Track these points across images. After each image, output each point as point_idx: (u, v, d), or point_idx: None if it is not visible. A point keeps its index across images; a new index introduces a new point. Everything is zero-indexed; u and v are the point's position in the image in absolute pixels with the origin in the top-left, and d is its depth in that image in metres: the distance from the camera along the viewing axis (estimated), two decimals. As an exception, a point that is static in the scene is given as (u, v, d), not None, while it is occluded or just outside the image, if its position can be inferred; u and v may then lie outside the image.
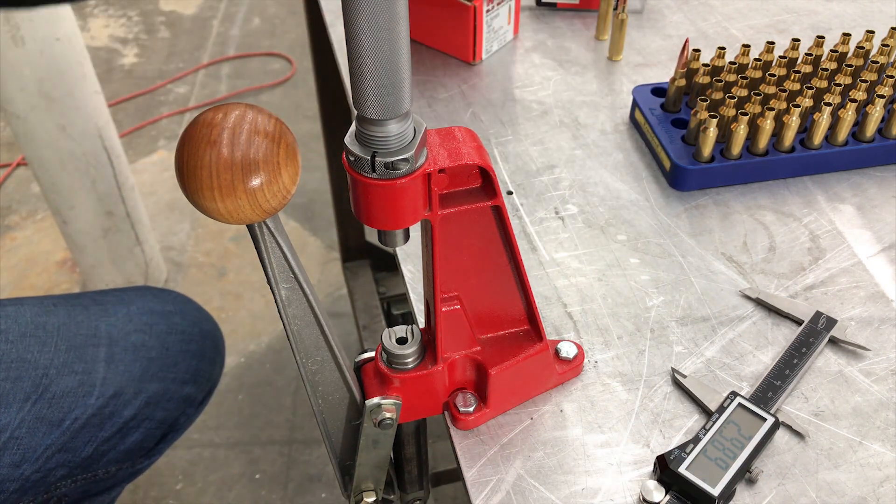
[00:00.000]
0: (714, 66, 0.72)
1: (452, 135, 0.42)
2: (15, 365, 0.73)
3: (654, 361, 0.56)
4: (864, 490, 0.49)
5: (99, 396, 0.76)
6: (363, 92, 0.36)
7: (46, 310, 0.79)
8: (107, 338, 0.80)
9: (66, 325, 0.79)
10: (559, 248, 0.64)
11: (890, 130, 0.70)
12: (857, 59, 0.71)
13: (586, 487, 0.49)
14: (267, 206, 0.37)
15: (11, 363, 0.73)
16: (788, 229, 0.65)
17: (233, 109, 0.37)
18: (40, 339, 0.76)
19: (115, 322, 0.82)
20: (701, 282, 0.61)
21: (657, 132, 0.71)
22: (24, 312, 0.78)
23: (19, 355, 0.74)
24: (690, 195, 0.68)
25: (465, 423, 0.51)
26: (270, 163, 0.36)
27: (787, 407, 0.53)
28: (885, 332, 0.57)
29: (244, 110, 0.37)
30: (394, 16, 0.34)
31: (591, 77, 0.82)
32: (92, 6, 2.72)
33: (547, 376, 0.53)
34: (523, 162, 0.72)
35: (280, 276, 0.43)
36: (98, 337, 0.80)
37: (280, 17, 2.67)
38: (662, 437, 0.51)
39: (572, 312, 0.59)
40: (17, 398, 0.72)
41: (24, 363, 0.74)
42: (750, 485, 0.49)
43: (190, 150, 0.36)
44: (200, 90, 2.37)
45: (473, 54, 0.82)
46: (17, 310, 0.78)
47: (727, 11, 0.90)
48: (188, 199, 0.37)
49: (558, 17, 0.91)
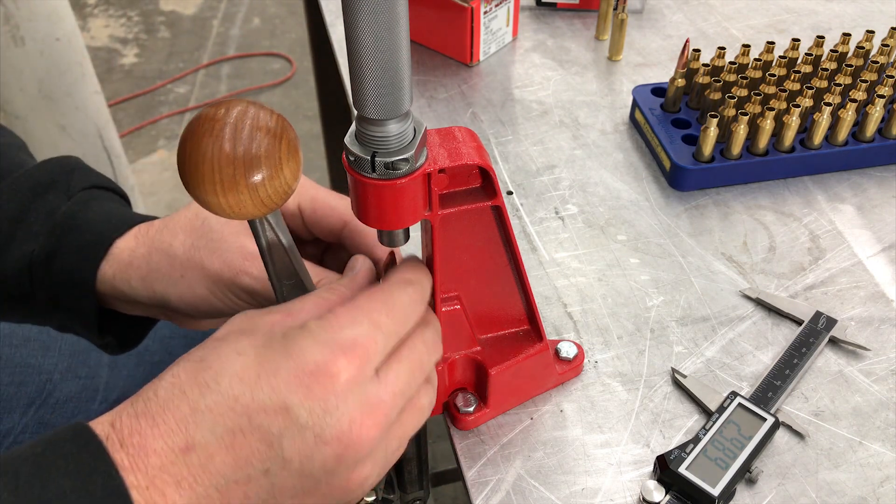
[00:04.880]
0: (714, 66, 0.72)
1: (452, 135, 0.42)
2: (18, 370, 0.73)
3: (654, 361, 0.56)
4: (864, 490, 0.49)
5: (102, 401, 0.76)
6: (363, 92, 0.36)
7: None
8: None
9: None
10: (559, 248, 0.64)
11: (890, 130, 0.70)
12: (857, 59, 0.71)
13: (586, 487, 0.49)
14: (269, 201, 0.38)
15: (15, 368, 0.73)
16: (788, 229, 0.65)
17: (235, 105, 0.37)
18: (44, 343, 0.76)
19: None
20: (701, 282, 0.61)
21: (657, 132, 0.71)
22: None
23: (23, 360, 0.74)
24: (690, 195, 0.68)
25: (465, 423, 0.51)
26: (272, 158, 0.37)
27: (787, 407, 0.53)
28: (885, 332, 0.57)
29: (246, 106, 0.37)
30: (394, 16, 0.34)
31: (591, 77, 0.82)
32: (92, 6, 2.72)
33: (547, 376, 0.53)
34: (523, 162, 0.72)
35: (281, 272, 0.43)
36: None
37: (280, 17, 2.67)
38: (662, 437, 0.51)
39: (572, 312, 0.59)
40: (20, 403, 0.72)
41: (27, 368, 0.74)
42: (750, 485, 0.49)
43: (192, 144, 0.36)
44: (200, 90, 2.37)
45: (471, 56, 0.82)
46: None
47: (727, 11, 0.90)
48: (190, 193, 0.37)
49: (558, 17, 0.91)
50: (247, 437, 0.36)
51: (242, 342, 0.38)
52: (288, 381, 0.37)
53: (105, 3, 2.74)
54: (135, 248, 0.53)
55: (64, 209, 0.54)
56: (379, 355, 0.39)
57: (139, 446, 0.36)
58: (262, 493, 0.38)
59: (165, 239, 0.52)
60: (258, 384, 0.37)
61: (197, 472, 0.36)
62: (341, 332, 0.39)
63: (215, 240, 0.51)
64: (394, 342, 0.41)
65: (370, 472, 0.40)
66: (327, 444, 0.37)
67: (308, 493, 0.39)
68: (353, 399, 0.38)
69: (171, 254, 0.51)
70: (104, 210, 0.55)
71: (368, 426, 0.38)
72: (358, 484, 0.40)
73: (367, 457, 0.39)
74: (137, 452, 0.36)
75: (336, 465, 0.38)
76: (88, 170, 0.58)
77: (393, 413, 0.40)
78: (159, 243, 0.52)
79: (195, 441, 0.36)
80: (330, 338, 0.38)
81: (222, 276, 0.50)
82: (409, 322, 0.42)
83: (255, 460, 0.37)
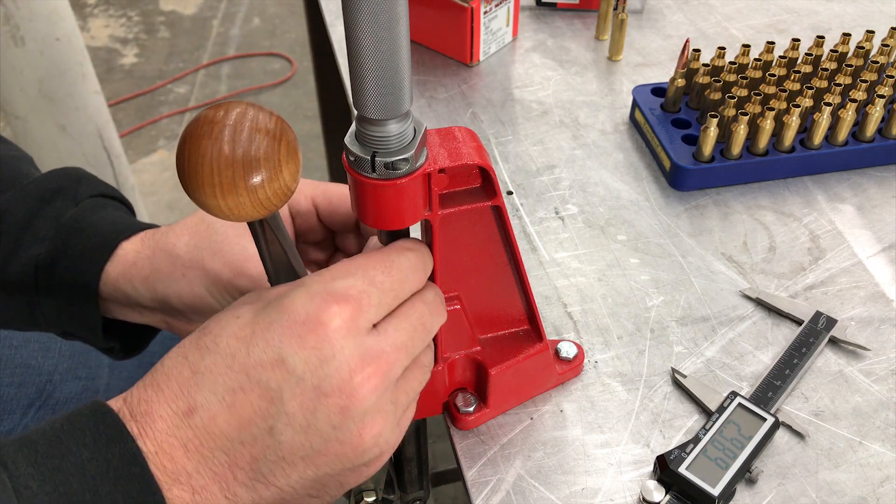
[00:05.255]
0: (714, 66, 0.72)
1: (452, 135, 0.42)
2: (19, 371, 0.73)
3: (654, 361, 0.56)
4: (864, 490, 0.49)
5: None
6: (363, 92, 0.36)
7: None
8: None
9: None
10: (559, 248, 0.64)
11: (890, 130, 0.70)
12: (857, 59, 0.71)
13: (586, 487, 0.49)
14: (268, 203, 0.38)
15: (15, 369, 0.73)
16: (788, 229, 0.65)
17: (234, 107, 0.37)
18: (44, 344, 0.76)
19: None
20: (701, 282, 0.61)
21: (657, 132, 0.71)
22: None
23: (23, 361, 0.74)
24: (690, 195, 0.68)
25: (465, 423, 0.51)
26: (271, 160, 0.37)
27: (787, 407, 0.53)
28: (885, 332, 0.57)
29: (245, 108, 0.37)
30: (394, 16, 0.34)
31: (591, 77, 0.82)
32: (92, 6, 2.72)
33: (547, 376, 0.53)
34: (523, 162, 0.72)
35: (280, 274, 0.43)
36: None
37: (280, 17, 2.67)
38: (662, 437, 0.51)
39: (572, 312, 0.59)
40: (20, 404, 0.72)
41: (27, 369, 0.74)
42: (750, 485, 0.49)
43: (191, 146, 0.36)
44: (200, 90, 2.37)
45: (471, 56, 0.82)
46: None
47: (727, 11, 0.90)
48: (189, 195, 0.37)
49: (558, 16, 0.91)
50: (247, 394, 0.36)
51: (242, 308, 0.39)
52: (281, 333, 0.37)
53: (105, 3, 2.74)
54: (140, 250, 0.53)
55: (70, 214, 0.55)
56: (374, 309, 0.39)
57: (146, 413, 0.36)
58: (271, 455, 0.37)
59: (170, 240, 0.52)
60: (253, 340, 0.37)
61: (201, 434, 0.36)
62: (333, 283, 0.38)
63: (218, 241, 0.51)
64: (390, 300, 0.40)
65: (381, 427, 0.39)
66: (328, 395, 0.37)
67: (319, 452, 0.38)
68: (349, 348, 0.37)
69: (174, 254, 0.52)
70: (110, 216, 0.56)
71: (369, 374, 0.38)
72: (371, 440, 0.39)
73: (375, 410, 0.38)
74: (145, 420, 0.36)
75: (342, 419, 0.37)
76: (95, 179, 0.59)
77: (397, 366, 0.39)
78: (164, 244, 0.53)
79: (197, 403, 0.36)
80: (322, 288, 0.38)
81: (221, 276, 0.50)
82: (407, 283, 0.41)
83: (257, 419, 0.37)
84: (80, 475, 0.34)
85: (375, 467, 0.41)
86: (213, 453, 0.36)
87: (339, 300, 0.38)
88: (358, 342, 0.38)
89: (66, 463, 0.34)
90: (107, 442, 0.35)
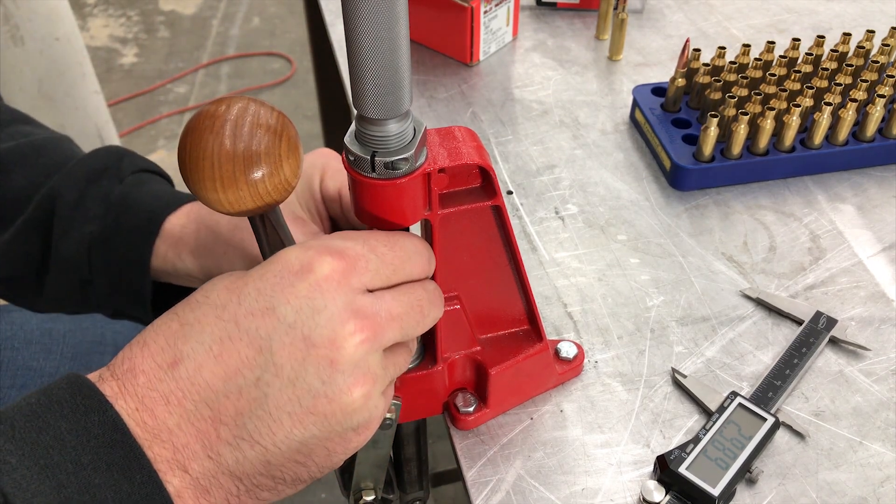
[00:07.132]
0: (714, 66, 0.72)
1: (452, 134, 0.42)
2: (21, 372, 0.73)
3: (654, 361, 0.56)
4: (864, 490, 0.48)
5: None
6: (363, 92, 0.36)
7: (52, 317, 0.79)
8: (112, 345, 0.80)
9: (71, 332, 0.78)
10: (559, 248, 0.64)
11: (890, 130, 0.69)
12: (857, 59, 0.71)
13: (586, 487, 0.49)
14: (268, 197, 0.38)
15: (17, 371, 0.73)
16: (789, 229, 0.65)
17: (236, 102, 0.37)
18: (46, 346, 0.76)
19: (121, 329, 0.82)
20: (701, 282, 0.61)
21: (657, 132, 0.70)
22: (30, 319, 0.77)
23: (25, 363, 0.74)
24: (691, 195, 0.68)
25: (465, 423, 0.51)
26: (272, 155, 0.37)
27: (788, 407, 0.53)
28: (885, 332, 0.57)
29: (247, 103, 0.37)
30: (394, 15, 0.34)
31: (591, 77, 0.82)
32: (92, 6, 2.72)
33: (547, 376, 0.53)
34: (523, 162, 0.72)
35: None
36: (104, 344, 0.80)
37: (280, 17, 2.67)
38: (662, 437, 0.51)
39: (572, 312, 0.59)
40: None
41: (29, 371, 0.74)
42: (750, 485, 0.49)
43: (193, 140, 0.36)
44: (200, 90, 2.37)
45: (471, 55, 0.82)
46: (22, 317, 0.77)
47: (727, 11, 0.90)
48: (190, 189, 0.38)
49: (558, 16, 0.91)
50: (235, 343, 0.36)
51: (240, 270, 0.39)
52: (273, 282, 0.37)
53: (105, 2, 2.74)
54: (185, 224, 0.54)
55: (118, 192, 0.56)
56: (369, 274, 0.38)
57: (129, 370, 0.36)
58: (256, 409, 0.36)
59: (213, 217, 0.53)
60: (245, 290, 0.37)
61: (185, 386, 0.35)
62: (332, 241, 0.38)
63: None
64: (389, 272, 0.39)
65: (370, 388, 0.38)
66: (318, 346, 0.36)
67: (307, 410, 0.37)
68: (342, 301, 0.37)
69: (216, 231, 0.53)
70: (154, 191, 0.57)
71: (360, 328, 0.37)
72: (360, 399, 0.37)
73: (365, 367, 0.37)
74: (126, 376, 0.36)
75: (331, 373, 0.36)
76: (135, 155, 0.60)
77: (388, 334, 0.38)
78: (208, 220, 0.53)
79: (183, 354, 0.36)
80: (319, 244, 0.38)
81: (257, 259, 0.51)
82: (408, 263, 0.40)
83: (245, 369, 0.36)
84: (60, 447, 0.34)
85: (364, 437, 0.39)
86: (197, 406, 0.35)
87: (334, 253, 0.37)
88: (350, 297, 0.37)
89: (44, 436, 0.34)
90: (85, 412, 0.34)
